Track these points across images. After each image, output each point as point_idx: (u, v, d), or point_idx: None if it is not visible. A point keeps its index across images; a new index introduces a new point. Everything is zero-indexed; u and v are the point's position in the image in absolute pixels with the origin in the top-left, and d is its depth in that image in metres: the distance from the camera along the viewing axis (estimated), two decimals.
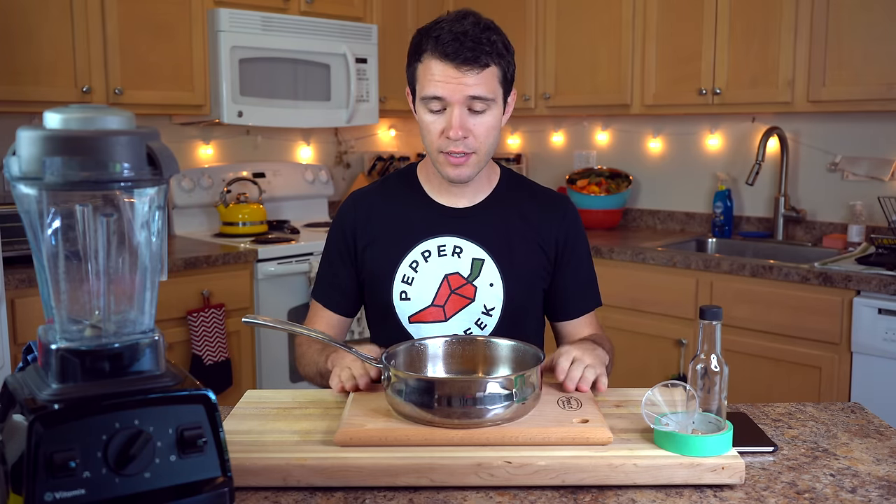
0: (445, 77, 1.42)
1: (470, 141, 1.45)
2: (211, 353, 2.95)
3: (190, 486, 0.84)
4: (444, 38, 1.42)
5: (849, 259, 2.82)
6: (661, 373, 3.06)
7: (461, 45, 1.41)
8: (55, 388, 0.82)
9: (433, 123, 1.47)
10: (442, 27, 1.44)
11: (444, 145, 1.46)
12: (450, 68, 1.42)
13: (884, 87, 2.79)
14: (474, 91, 1.43)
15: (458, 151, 1.46)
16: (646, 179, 3.83)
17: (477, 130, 1.45)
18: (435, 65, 1.43)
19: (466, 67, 1.41)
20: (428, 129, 1.48)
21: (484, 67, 1.43)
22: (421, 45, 1.46)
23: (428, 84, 1.44)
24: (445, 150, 1.47)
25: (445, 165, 1.49)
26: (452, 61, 1.41)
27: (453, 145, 1.45)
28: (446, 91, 1.42)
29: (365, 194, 1.64)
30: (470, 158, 1.48)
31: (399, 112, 4.02)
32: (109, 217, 0.84)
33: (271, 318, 1.30)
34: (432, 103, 1.45)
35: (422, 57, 1.46)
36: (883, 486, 1.10)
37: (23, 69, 2.78)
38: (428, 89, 1.44)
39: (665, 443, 1.12)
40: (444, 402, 1.13)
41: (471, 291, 1.54)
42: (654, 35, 3.34)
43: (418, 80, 1.48)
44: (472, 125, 1.45)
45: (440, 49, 1.42)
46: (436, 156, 1.50)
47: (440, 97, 1.43)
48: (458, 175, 1.49)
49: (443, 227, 1.56)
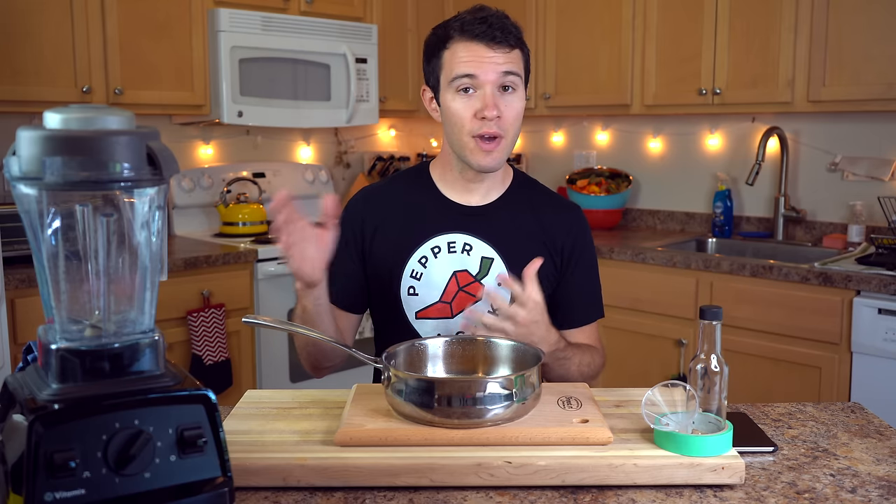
0: (476, 56, 1.44)
1: (501, 122, 1.46)
2: (211, 353, 2.95)
3: (190, 486, 0.84)
4: (469, 22, 1.45)
5: (849, 259, 2.82)
6: (661, 373, 3.06)
7: (489, 26, 1.44)
8: (55, 388, 0.82)
9: (464, 108, 1.46)
10: (463, 17, 1.47)
11: (476, 128, 1.46)
12: (480, 47, 1.44)
13: (884, 87, 2.79)
14: (505, 66, 1.44)
15: (492, 133, 1.45)
16: (646, 179, 3.83)
17: (507, 113, 1.46)
18: (464, 47, 1.45)
19: (497, 45, 1.44)
20: (458, 113, 1.47)
21: (512, 48, 1.46)
22: (446, 34, 1.48)
23: (458, 65, 1.45)
24: (478, 133, 1.46)
25: (476, 152, 1.48)
26: (482, 40, 1.43)
27: (486, 126, 1.45)
28: (479, 69, 1.43)
29: (376, 189, 1.63)
30: (501, 143, 1.47)
31: (399, 112, 4.02)
32: (109, 217, 0.84)
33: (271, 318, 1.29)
34: (463, 81, 1.45)
35: (448, 44, 1.47)
36: (883, 486, 1.10)
37: (23, 69, 2.78)
38: (458, 69, 1.45)
39: (665, 443, 1.12)
40: (444, 402, 1.13)
41: (478, 289, 1.53)
42: (654, 35, 3.34)
43: (444, 67, 1.48)
44: (504, 107, 1.45)
45: (468, 31, 1.44)
46: (466, 141, 1.48)
47: (472, 74, 1.44)
48: (489, 162, 1.48)
49: (454, 224, 1.55)
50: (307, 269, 1.33)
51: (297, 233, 1.30)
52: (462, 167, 1.54)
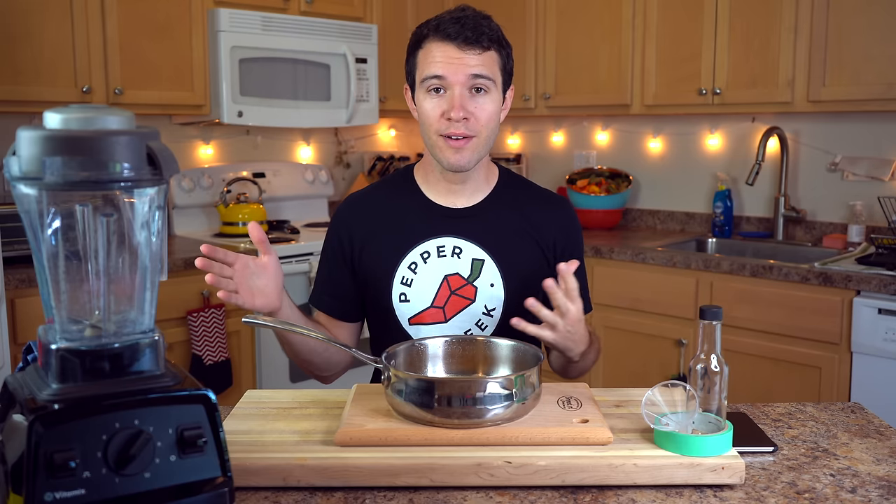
0: (447, 57, 1.43)
1: (471, 123, 1.45)
2: (211, 353, 2.95)
3: (190, 486, 0.84)
4: (444, 23, 1.44)
5: (849, 259, 2.82)
6: (661, 373, 3.06)
7: (462, 26, 1.43)
8: (55, 388, 0.82)
9: (433, 108, 1.46)
10: (441, 17, 1.47)
11: (443, 128, 1.45)
12: (451, 48, 1.43)
13: (884, 87, 2.79)
14: (475, 70, 1.43)
15: (459, 133, 1.44)
16: (646, 179, 3.83)
17: (478, 113, 1.45)
18: (436, 47, 1.44)
19: (468, 47, 1.43)
20: (427, 113, 1.47)
21: (485, 50, 1.45)
22: (421, 34, 1.48)
23: (428, 65, 1.45)
24: (445, 133, 1.45)
25: (445, 150, 1.47)
26: (454, 41, 1.43)
27: (454, 127, 1.44)
28: (448, 70, 1.43)
29: (361, 197, 1.62)
30: (470, 142, 1.46)
31: (399, 112, 4.02)
32: (109, 217, 0.84)
33: (271, 318, 1.30)
34: (432, 82, 1.45)
35: (423, 43, 1.47)
36: (883, 486, 1.10)
37: (23, 69, 2.78)
38: (428, 69, 1.44)
39: (665, 443, 1.12)
40: (444, 402, 1.13)
41: (471, 292, 1.53)
42: (654, 35, 3.34)
43: (418, 66, 1.48)
44: (473, 108, 1.45)
45: (441, 31, 1.44)
46: (435, 140, 1.47)
47: (441, 76, 1.43)
48: (457, 160, 1.47)
49: (442, 228, 1.54)
50: (260, 301, 1.35)
51: (238, 274, 1.33)
52: (443, 171, 1.53)
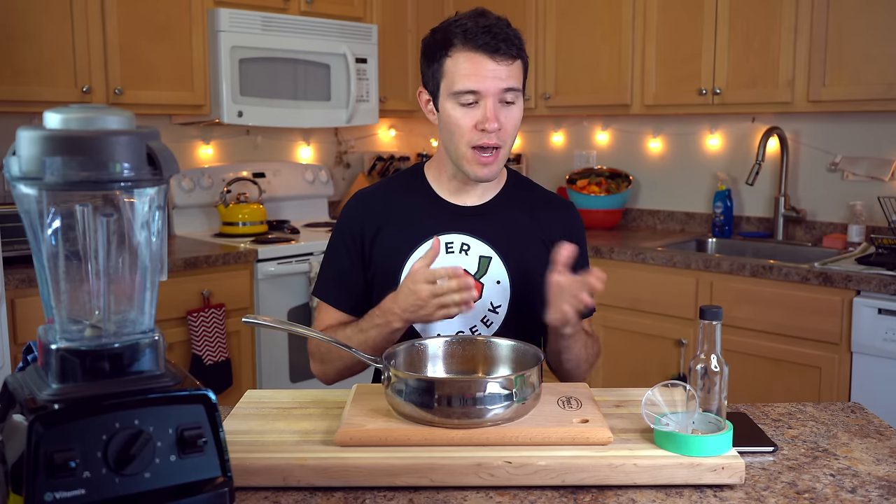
0: (481, 70, 1.42)
1: (501, 133, 1.46)
2: (211, 353, 2.95)
3: (190, 486, 0.84)
4: (472, 30, 1.43)
5: (849, 259, 2.82)
6: (661, 373, 3.06)
7: (493, 37, 1.42)
8: (55, 388, 0.82)
9: (464, 118, 1.46)
10: (465, 23, 1.44)
11: (476, 139, 1.46)
12: (485, 60, 1.42)
13: (884, 87, 2.79)
14: (507, 83, 1.44)
15: (491, 145, 1.45)
16: (646, 179, 3.83)
17: (507, 124, 1.46)
18: (468, 58, 1.43)
19: (501, 58, 1.42)
20: (458, 123, 1.46)
21: (515, 59, 1.45)
22: (448, 39, 1.45)
23: (461, 78, 1.44)
24: (478, 144, 1.46)
25: (473, 164, 1.48)
26: (487, 53, 1.42)
27: (487, 138, 1.45)
28: (483, 84, 1.43)
29: (370, 192, 1.63)
30: (499, 154, 1.48)
31: (399, 112, 4.02)
32: (109, 217, 0.84)
33: (271, 318, 1.30)
34: (466, 97, 1.44)
35: (450, 51, 1.45)
36: (883, 486, 1.10)
37: (23, 69, 2.78)
38: (462, 83, 1.44)
39: (665, 443, 1.12)
40: (444, 402, 1.13)
41: (478, 289, 1.53)
42: (654, 35, 3.34)
43: (446, 76, 1.46)
44: (504, 118, 1.45)
45: (472, 42, 1.42)
46: (464, 151, 1.48)
47: (475, 90, 1.43)
48: (487, 173, 1.49)
49: (451, 225, 1.55)
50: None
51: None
52: (455, 171, 1.54)
